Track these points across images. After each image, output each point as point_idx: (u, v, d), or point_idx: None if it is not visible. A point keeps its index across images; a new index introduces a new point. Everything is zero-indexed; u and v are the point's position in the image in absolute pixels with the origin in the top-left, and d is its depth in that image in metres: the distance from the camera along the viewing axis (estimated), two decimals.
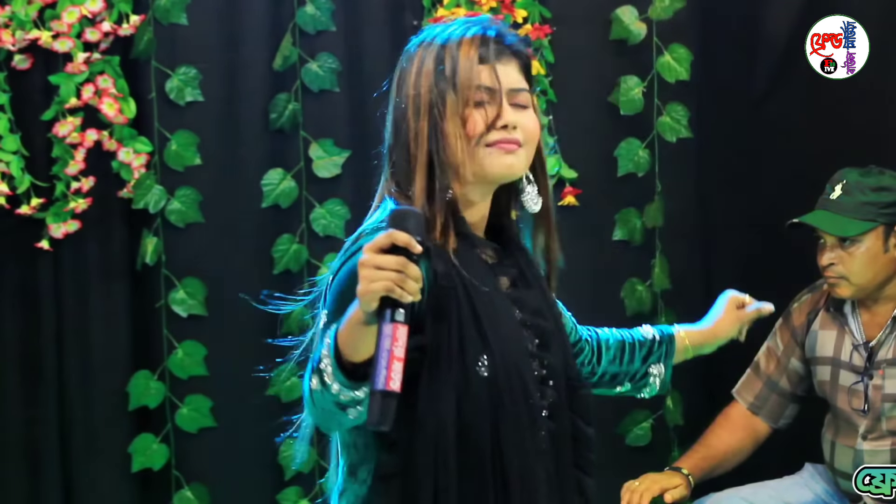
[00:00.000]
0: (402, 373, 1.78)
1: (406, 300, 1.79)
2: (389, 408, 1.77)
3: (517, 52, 2.07)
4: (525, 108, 2.06)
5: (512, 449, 1.98)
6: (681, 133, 3.83)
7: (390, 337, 1.78)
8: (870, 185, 3.28)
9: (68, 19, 3.54)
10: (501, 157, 2.03)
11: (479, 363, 1.97)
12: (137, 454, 3.71)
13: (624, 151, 3.83)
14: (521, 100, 2.06)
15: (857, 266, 3.26)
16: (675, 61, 3.81)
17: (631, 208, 3.85)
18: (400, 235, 1.79)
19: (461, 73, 2.02)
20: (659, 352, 2.42)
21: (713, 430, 3.48)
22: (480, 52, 2.04)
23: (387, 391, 1.76)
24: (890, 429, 3.25)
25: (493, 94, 2.04)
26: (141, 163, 3.63)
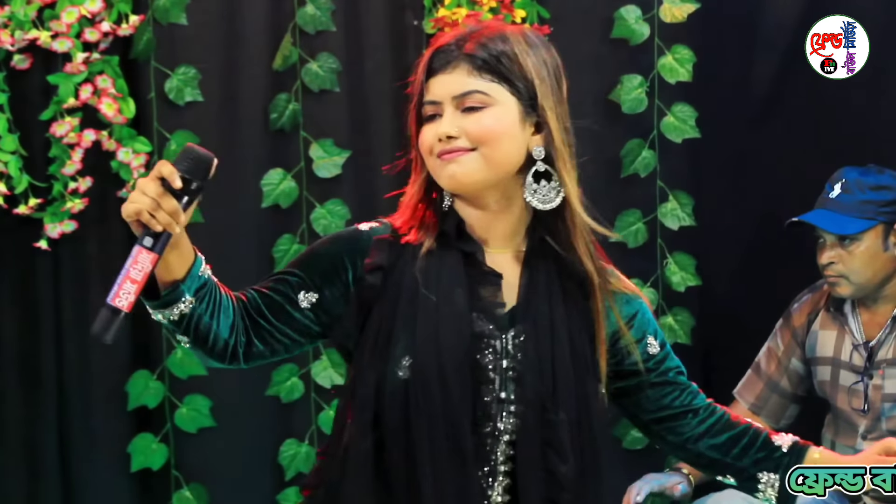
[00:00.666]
0: (136, 295, 1.89)
1: (155, 228, 1.90)
2: (112, 323, 1.88)
3: (469, 55, 2.03)
4: (478, 109, 2.03)
5: (426, 458, 1.97)
6: (687, 133, 3.82)
7: (132, 258, 1.89)
8: (869, 183, 3.28)
9: (67, 19, 3.54)
10: (444, 168, 2.04)
11: (400, 364, 1.99)
12: (137, 454, 3.70)
13: (629, 152, 3.83)
14: (473, 101, 2.03)
15: (856, 264, 3.26)
16: (677, 62, 3.80)
17: (633, 209, 3.85)
18: (166, 168, 1.89)
19: (416, 91, 2.07)
20: (777, 461, 2.13)
21: None
22: (429, 65, 2.06)
23: (112, 306, 1.87)
24: (890, 429, 3.25)
25: (439, 106, 2.05)
26: (140, 163, 3.63)
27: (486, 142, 2.03)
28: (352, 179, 3.76)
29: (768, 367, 3.47)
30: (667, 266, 3.87)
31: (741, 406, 3.49)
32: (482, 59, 2.02)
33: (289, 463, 3.73)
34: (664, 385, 2.16)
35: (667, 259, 3.87)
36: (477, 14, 3.67)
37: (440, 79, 2.04)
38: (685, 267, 3.87)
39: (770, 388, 3.46)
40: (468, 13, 3.67)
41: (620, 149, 3.83)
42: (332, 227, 3.73)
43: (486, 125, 2.03)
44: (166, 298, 1.97)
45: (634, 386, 2.15)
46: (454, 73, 2.03)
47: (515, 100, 2.05)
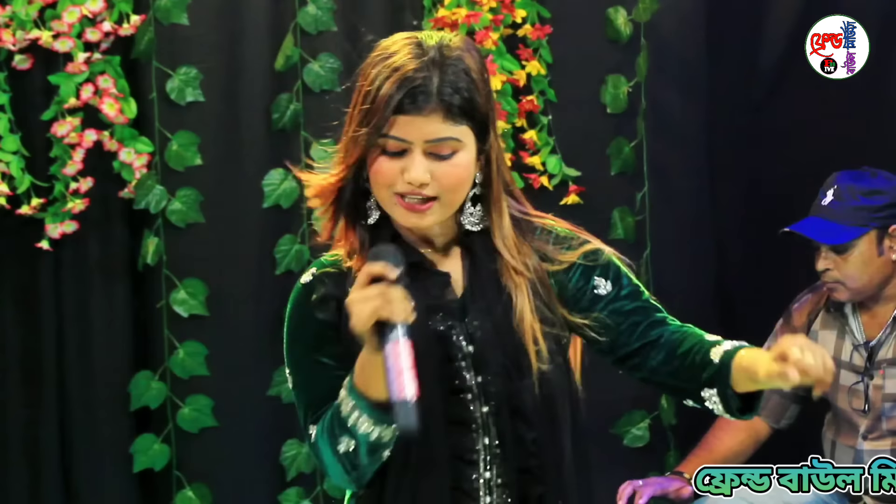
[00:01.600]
0: (415, 378, 1.88)
1: (397, 319, 1.89)
2: (411, 412, 1.87)
3: (444, 101, 1.99)
4: (446, 158, 2.01)
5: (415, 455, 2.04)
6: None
7: (392, 355, 1.89)
8: (862, 189, 3.28)
9: (69, 19, 3.54)
10: (407, 216, 2.03)
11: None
12: (139, 454, 3.70)
13: (615, 150, 3.83)
14: (443, 149, 2.00)
15: (851, 271, 3.26)
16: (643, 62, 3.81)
17: (626, 207, 3.85)
18: (374, 267, 1.91)
19: (376, 118, 1.98)
20: (714, 374, 2.08)
21: (714, 432, 3.47)
22: (400, 100, 1.98)
23: (403, 401, 1.87)
24: (890, 428, 3.25)
25: (406, 145, 2.00)
26: (142, 163, 3.63)
27: (452, 190, 2.02)
28: None
29: None
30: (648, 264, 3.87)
31: None
32: (457, 106, 1.99)
33: (290, 463, 3.74)
34: (620, 322, 2.15)
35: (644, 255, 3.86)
36: (477, 14, 3.67)
37: (412, 120, 1.98)
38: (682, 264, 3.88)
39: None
40: (468, 13, 3.67)
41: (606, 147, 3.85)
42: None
43: (457, 175, 2.02)
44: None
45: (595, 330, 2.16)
46: (428, 118, 1.98)
47: (474, 137, 2.03)
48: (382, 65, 2.00)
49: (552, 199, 3.80)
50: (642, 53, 3.79)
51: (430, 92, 1.98)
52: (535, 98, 3.75)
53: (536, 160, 3.77)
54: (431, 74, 1.99)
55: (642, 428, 3.88)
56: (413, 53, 2.00)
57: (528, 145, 3.77)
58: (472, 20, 3.68)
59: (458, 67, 2.01)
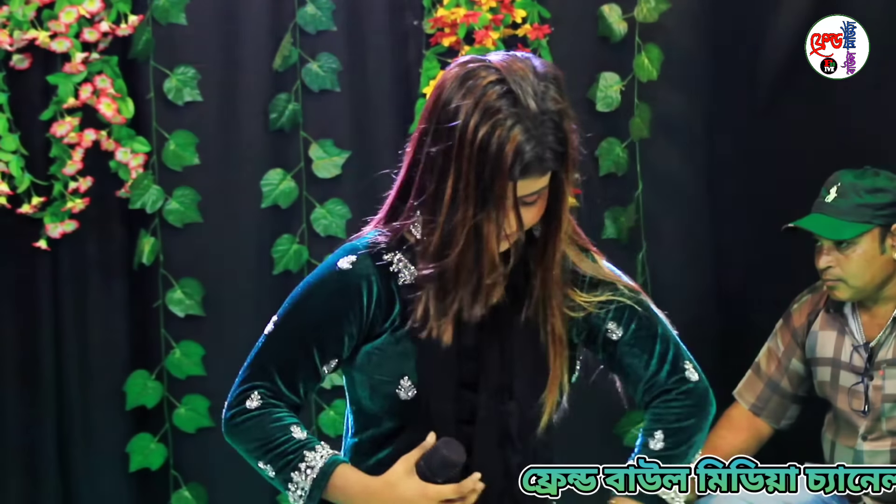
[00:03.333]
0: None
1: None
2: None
3: (549, 165, 2.05)
4: (534, 203, 2.07)
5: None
6: (643, 134, 3.82)
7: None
8: (865, 186, 3.27)
9: (66, 19, 3.54)
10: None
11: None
12: (135, 454, 3.71)
13: (605, 151, 3.82)
14: (535, 197, 2.07)
15: (854, 268, 3.25)
16: (649, 61, 3.80)
17: (618, 207, 3.84)
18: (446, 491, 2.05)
19: (497, 190, 2.02)
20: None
21: (716, 432, 3.46)
22: (519, 167, 2.02)
23: None
24: (890, 429, 3.24)
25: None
26: (139, 163, 3.64)
27: (532, 226, 2.12)
28: (352, 179, 3.75)
29: (768, 368, 3.47)
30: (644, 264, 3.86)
31: (742, 407, 3.48)
32: (556, 162, 2.06)
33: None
34: (624, 364, 2.28)
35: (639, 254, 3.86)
36: (476, 14, 3.67)
37: (536, 179, 2.05)
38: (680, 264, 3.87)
39: (770, 389, 3.46)
40: (467, 13, 3.67)
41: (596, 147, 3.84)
42: (332, 227, 3.72)
43: (539, 214, 2.11)
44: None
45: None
46: (540, 178, 2.05)
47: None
48: (488, 124, 2.00)
49: None
50: (644, 52, 3.78)
51: (543, 158, 2.03)
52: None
53: None
54: (542, 138, 2.03)
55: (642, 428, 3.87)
56: (517, 115, 2.01)
57: None
58: (472, 20, 3.67)
59: (559, 124, 2.06)
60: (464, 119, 2.01)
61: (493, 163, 2.00)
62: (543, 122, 2.03)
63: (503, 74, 2.03)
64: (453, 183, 2.02)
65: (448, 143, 2.02)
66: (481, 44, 3.67)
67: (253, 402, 2.09)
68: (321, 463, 2.08)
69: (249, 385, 2.10)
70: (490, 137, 2.00)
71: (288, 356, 2.11)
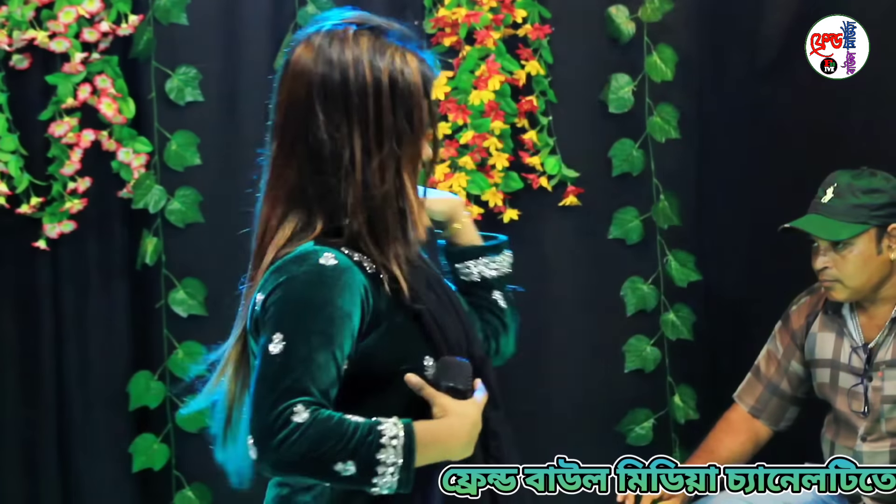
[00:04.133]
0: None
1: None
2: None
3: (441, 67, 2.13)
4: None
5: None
6: (669, 134, 3.83)
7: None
8: (861, 187, 3.27)
9: (65, 20, 3.53)
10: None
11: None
12: (138, 454, 3.71)
13: (618, 151, 3.83)
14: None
15: (850, 269, 3.25)
16: (661, 62, 3.81)
17: (629, 207, 3.85)
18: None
19: (416, 118, 2.04)
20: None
21: (715, 434, 3.47)
22: (429, 85, 2.07)
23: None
24: (889, 430, 3.24)
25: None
26: (140, 163, 3.64)
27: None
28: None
29: (768, 370, 3.47)
30: (667, 262, 3.87)
31: (741, 409, 3.48)
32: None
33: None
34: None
35: (667, 256, 3.87)
36: (477, 14, 3.67)
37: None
38: (685, 263, 3.87)
39: (770, 391, 3.46)
40: (468, 13, 3.67)
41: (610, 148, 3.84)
42: None
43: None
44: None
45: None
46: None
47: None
48: (384, 61, 2.05)
49: (552, 200, 3.80)
50: (656, 53, 3.79)
51: (435, 69, 2.15)
52: (534, 98, 3.75)
53: (536, 160, 3.77)
54: (423, 52, 2.13)
55: (646, 427, 3.88)
56: (398, 42, 2.10)
57: (527, 146, 3.77)
58: (473, 20, 3.67)
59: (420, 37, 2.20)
60: (357, 71, 2.01)
61: (406, 92, 2.02)
62: (413, 37, 2.09)
63: (355, 23, 2.06)
64: (363, 139, 2.01)
65: (345, 107, 2.01)
66: (482, 44, 3.68)
67: (299, 415, 1.92)
68: (400, 427, 1.94)
69: (286, 404, 1.93)
70: (394, 71, 2.02)
71: (316, 364, 1.96)
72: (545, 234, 3.83)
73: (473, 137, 3.69)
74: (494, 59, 3.70)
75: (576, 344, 3.87)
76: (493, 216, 3.74)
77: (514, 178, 3.75)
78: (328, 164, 2.03)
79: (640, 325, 3.86)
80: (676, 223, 3.84)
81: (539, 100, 3.75)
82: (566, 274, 3.87)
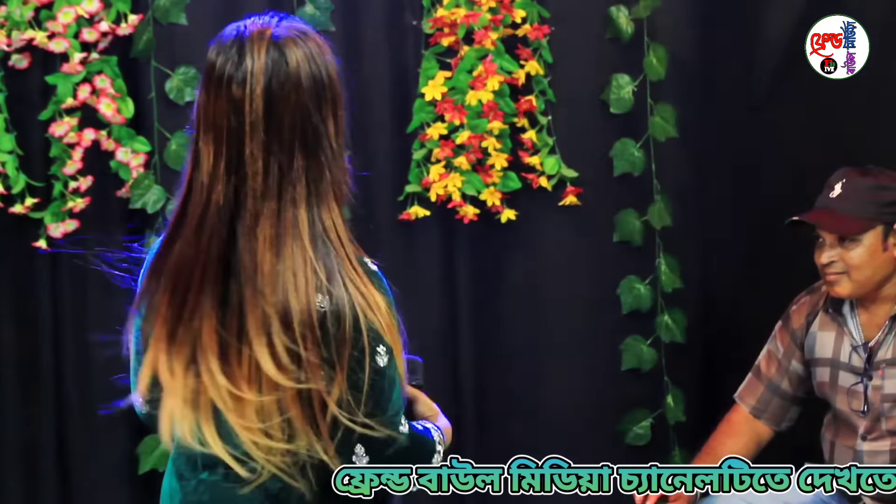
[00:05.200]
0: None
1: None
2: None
3: None
4: None
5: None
6: (669, 133, 3.83)
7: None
8: (870, 184, 3.27)
9: (64, 20, 3.53)
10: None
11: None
12: (145, 455, 3.70)
13: (619, 151, 3.83)
14: None
15: (856, 263, 3.25)
16: (657, 61, 3.81)
17: (629, 208, 3.85)
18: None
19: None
20: None
21: (717, 436, 3.47)
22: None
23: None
24: (889, 429, 3.24)
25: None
26: (139, 162, 3.64)
27: None
28: (351, 179, 3.74)
29: (769, 370, 3.47)
30: (658, 266, 3.87)
31: (742, 409, 3.48)
32: None
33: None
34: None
35: (658, 259, 3.87)
36: (476, 14, 3.67)
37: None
38: (673, 269, 3.87)
39: (771, 391, 3.46)
40: (467, 13, 3.67)
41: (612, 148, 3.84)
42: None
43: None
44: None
45: None
46: None
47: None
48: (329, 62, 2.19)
49: (551, 200, 3.80)
50: (653, 53, 3.79)
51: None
52: (533, 98, 3.75)
53: (536, 160, 3.76)
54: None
55: (644, 427, 3.88)
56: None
57: (526, 145, 3.77)
58: (472, 20, 3.67)
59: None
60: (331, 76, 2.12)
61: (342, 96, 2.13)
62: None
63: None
64: (335, 135, 2.09)
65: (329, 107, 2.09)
66: (481, 44, 3.67)
67: (405, 426, 2.11)
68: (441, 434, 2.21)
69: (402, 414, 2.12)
70: (329, 73, 2.12)
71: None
72: (544, 234, 3.83)
73: (470, 138, 3.68)
74: (492, 59, 3.69)
75: (573, 344, 3.86)
76: (490, 216, 3.74)
77: (513, 177, 3.75)
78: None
79: (636, 324, 3.86)
80: (668, 224, 3.84)
81: (538, 100, 3.75)
82: (564, 274, 3.87)
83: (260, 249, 1.98)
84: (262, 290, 1.96)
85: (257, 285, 1.97)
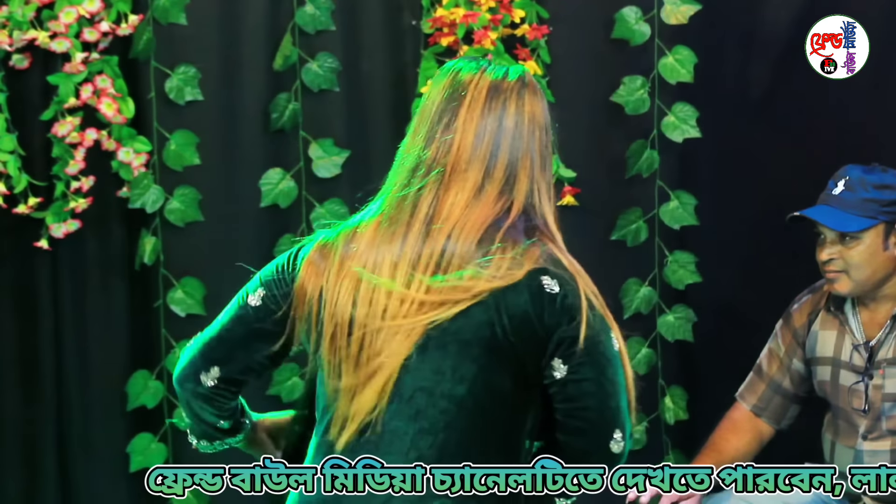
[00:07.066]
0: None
1: None
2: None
3: None
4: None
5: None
6: (688, 133, 3.82)
7: None
8: (872, 182, 3.27)
9: (65, 19, 3.54)
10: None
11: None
12: (135, 454, 3.71)
13: (634, 152, 3.83)
14: None
15: (856, 261, 3.25)
16: (678, 63, 3.80)
17: (635, 208, 3.85)
18: None
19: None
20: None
21: (719, 434, 3.47)
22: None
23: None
24: (890, 428, 3.24)
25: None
26: (140, 162, 3.64)
27: None
28: (351, 179, 3.75)
29: (770, 369, 3.46)
30: (667, 264, 3.87)
31: (743, 407, 3.48)
32: None
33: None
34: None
35: (667, 257, 3.87)
36: (475, 14, 3.67)
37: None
38: (685, 265, 3.87)
39: (773, 390, 3.46)
40: (466, 13, 3.67)
41: (622, 149, 3.83)
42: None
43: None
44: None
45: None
46: None
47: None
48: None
49: None
50: (670, 54, 3.79)
51: None
52: None
53: None
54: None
55: (639, 430, 3.88)
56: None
57: None
58: (471, 20, 3.67)
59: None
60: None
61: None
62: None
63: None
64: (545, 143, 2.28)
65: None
66: (480, 44, 3.67)
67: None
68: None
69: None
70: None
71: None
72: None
73: None
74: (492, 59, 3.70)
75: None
76: None
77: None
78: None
79: (635, 326, 3.86)
80: (693, 223, 3.84)
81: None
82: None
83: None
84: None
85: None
